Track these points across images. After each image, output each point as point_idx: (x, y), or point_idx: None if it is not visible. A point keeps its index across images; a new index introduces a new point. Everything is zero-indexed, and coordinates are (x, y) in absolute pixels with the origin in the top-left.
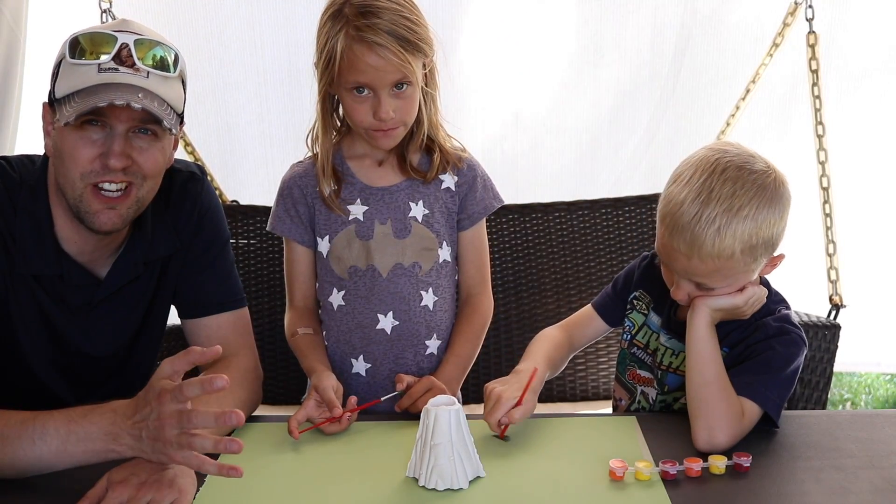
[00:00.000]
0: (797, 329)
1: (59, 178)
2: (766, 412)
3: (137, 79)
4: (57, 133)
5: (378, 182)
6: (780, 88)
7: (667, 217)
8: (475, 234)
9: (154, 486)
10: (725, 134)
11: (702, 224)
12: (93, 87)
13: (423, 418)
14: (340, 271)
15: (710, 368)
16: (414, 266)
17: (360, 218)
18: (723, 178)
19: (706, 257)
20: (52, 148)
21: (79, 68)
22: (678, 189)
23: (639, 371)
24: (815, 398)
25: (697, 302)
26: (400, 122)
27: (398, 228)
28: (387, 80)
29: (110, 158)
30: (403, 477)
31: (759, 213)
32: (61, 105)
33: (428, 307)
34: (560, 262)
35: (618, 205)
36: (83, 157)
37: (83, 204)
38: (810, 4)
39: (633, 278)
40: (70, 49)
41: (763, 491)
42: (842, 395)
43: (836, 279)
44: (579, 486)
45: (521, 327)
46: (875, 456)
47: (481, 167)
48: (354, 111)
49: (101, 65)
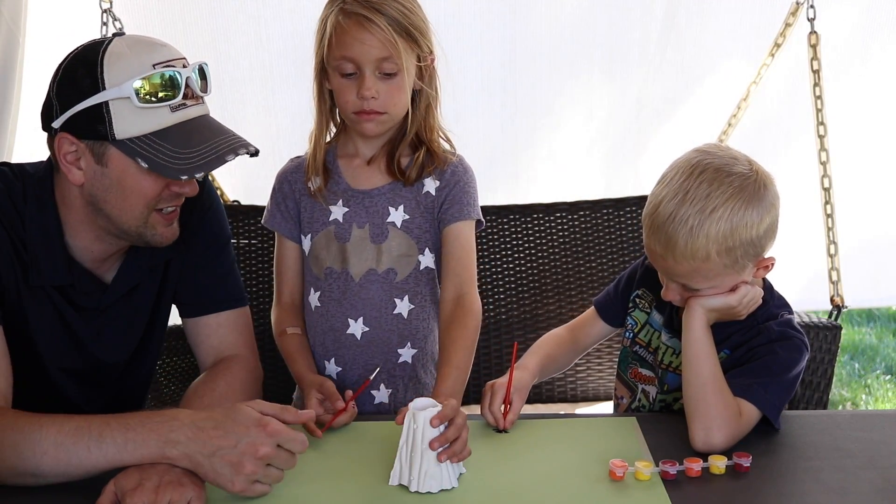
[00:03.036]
0: (800, 334)
1: (108, 209)
2: (765, 415)
3: (202, 108)
4: (112, 170)
5: (361, 184)
6: (781, 89)
7: (646, 217)
8: (458, 232)
9: (171, 487)
10: (727, 134)
11: (675, 224)
12: (175, 129)
13: (407, 423)
14: (318, 271)
15: (705, 368)
16: (388, 273)
17: (340, 219)
18: (699, 180)
19: (680, 258)
20: (95, 182)
21: (149, 111)
22: (659, 189)
23: (640, 369)
24: (816, 399)
25: (692, 302)
26: (384, 107)
27: (375, 233)
28: (371, 55)
29: (185, 188)
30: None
31: (734, 215)
32: (130, 146)
33: (402, 315)
34: (561, 263)
35: (619, 205)
36: (153, 192)
37: (148, 228)
38: (812, 4)
39: (635, 277)
40: (136, 94)
41: (763, 491)
42: (842, 396)
43: (837, 280)
44: (579, 486)
45: (522, 328)
46: (875, 456)
47: (469, 176)
48: (341, 93)
49: (172, 105)
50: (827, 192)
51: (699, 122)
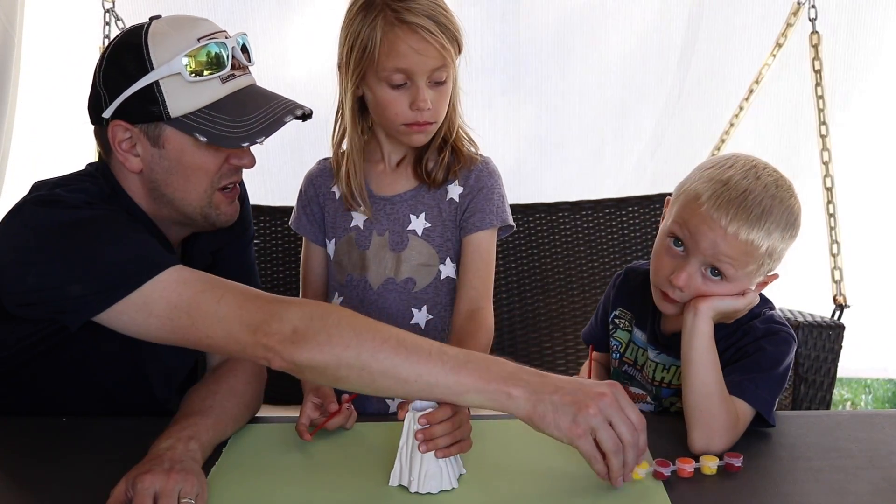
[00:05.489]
0: (785, 326)
1: (171, 193)
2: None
3: (249, 78)
4: (171, 151)
5: (384, 190)
6: (783, 89)
7: (708, 192)
8: (481, 241)
9: (181, 475)
10: (728, 134)
11: (749, 200)
12: (228, 100)
13: (407, 423)
14: (340, 277)
15: (711, 377)
16: (407, 282)
17: (360, 226)
18: (765, 173)
19: (744, 231)
20: (154, 166)
21: (200, 85)
22: (718, 172)
23: (631, 388)
24: (819, 398)
25: (701, 306)
26: (435, 116)
27: (395, 241)
28: (427, 66)
29: (244, 159)
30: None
31: (790, 216)
32: (186, 123)
33: (419, 325)
34: (564, 262)
35: (622, 205)
36: (213, 167)
37: (213, 209)
38: (813, 4)
39: (610, 298)
40: (186, 68)
41: (763, 491)
42: (842, 395)
43: (840, 279)
44: (579, 486)
45: (525, 327)
46: (875, 456)
47: (494, 181)
48: (390, 105)
49: (222, 77)
50: (829, 191)
51: (700, 122)
